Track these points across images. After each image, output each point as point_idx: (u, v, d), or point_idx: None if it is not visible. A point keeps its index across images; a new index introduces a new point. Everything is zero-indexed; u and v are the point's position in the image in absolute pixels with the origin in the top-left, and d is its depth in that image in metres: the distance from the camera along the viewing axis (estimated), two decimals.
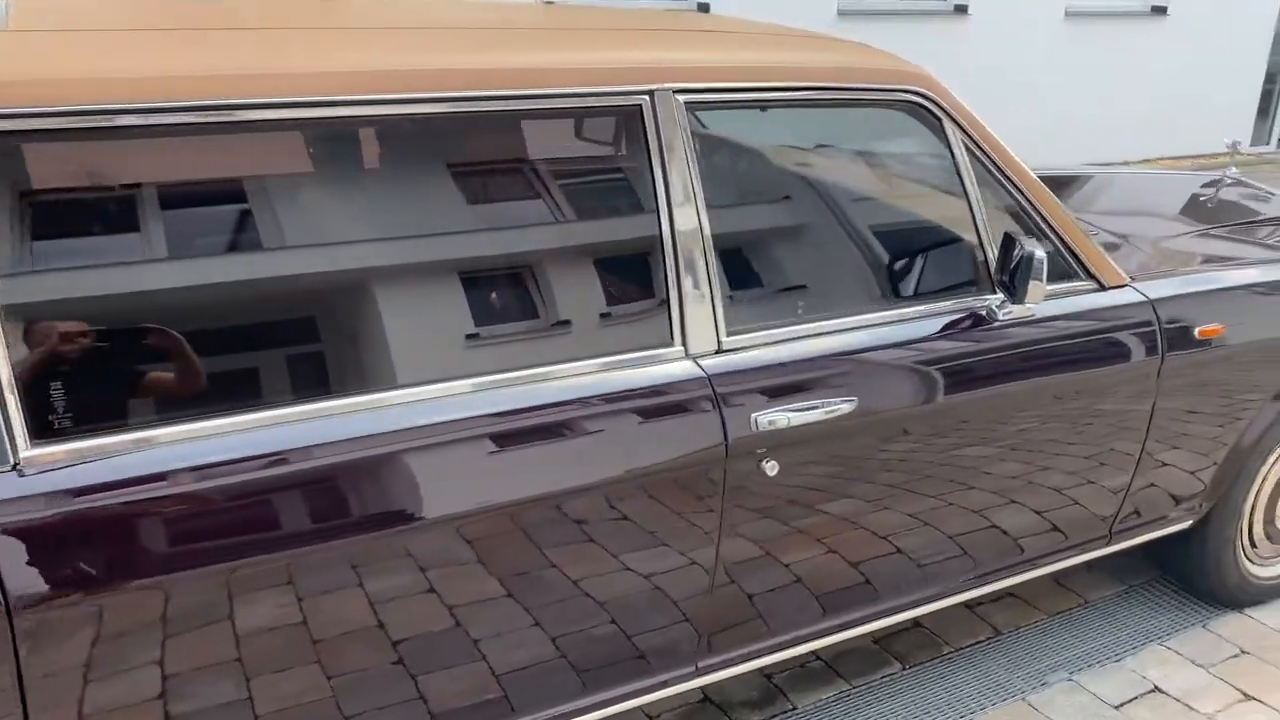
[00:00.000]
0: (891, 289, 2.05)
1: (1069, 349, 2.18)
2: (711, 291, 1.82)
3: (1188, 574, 2.84)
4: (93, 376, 1.41)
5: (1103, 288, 2.26)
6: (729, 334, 1.85)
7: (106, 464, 1.39)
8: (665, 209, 1.78)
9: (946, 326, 2.05)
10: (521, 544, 1.67)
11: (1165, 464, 2.44)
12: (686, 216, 1.80)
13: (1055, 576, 2.95)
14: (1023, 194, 2.14)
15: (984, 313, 2.09)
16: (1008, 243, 2.01)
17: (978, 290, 2.11)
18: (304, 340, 1.60)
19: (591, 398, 1.71)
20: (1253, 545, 2.81)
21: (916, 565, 2.17)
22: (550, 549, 1.70)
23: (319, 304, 1.61)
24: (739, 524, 1.87)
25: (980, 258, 2.09)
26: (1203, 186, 3.46)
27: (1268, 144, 10.73)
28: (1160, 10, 9.19)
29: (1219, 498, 2.63)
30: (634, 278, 1.80)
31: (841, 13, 7.44)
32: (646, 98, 1.77)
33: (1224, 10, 9.51)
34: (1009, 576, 2.34)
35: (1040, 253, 1.95)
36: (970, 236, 2.09)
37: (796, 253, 2.00)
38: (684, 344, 1.81)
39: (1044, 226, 2.17)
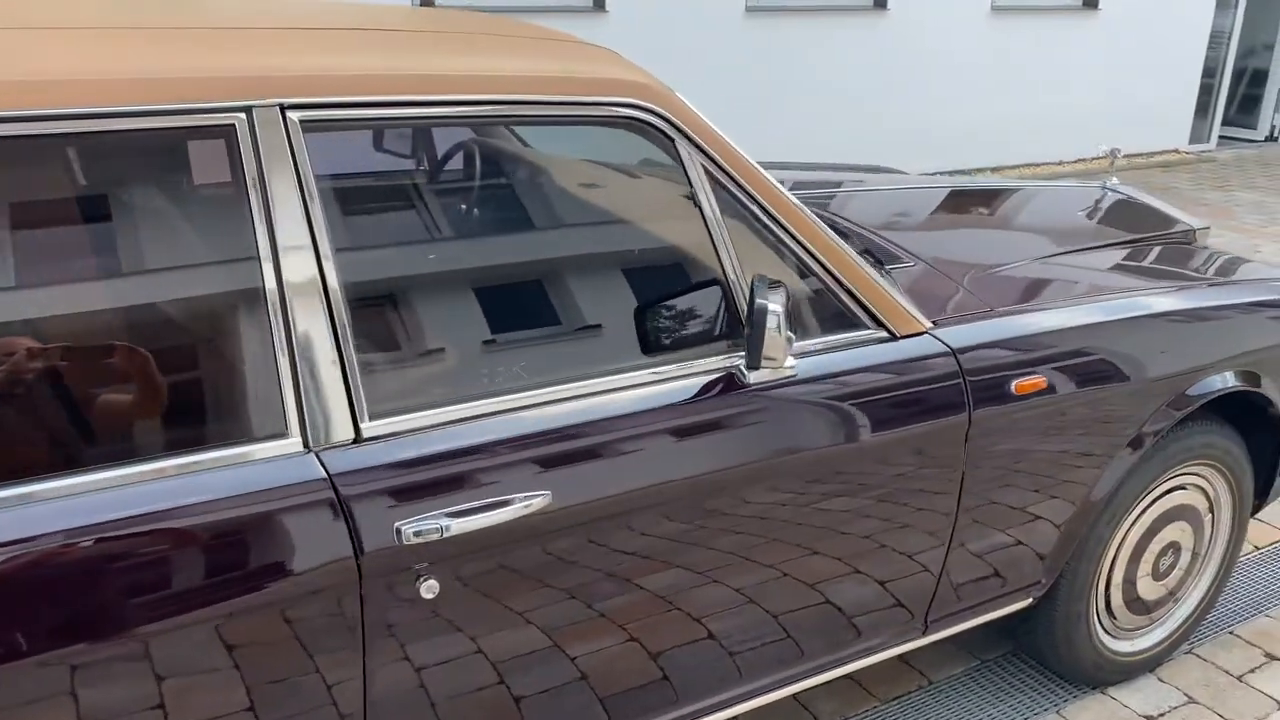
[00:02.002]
0: (610, 350, 1.65)
1: (846, 412, 1.79)
2: (344, 363, 1.42)
3: (1039, 651, 2.47)
4: None
5: (894, 337, 1.87)
6: (372, 418, 1.44)
7: None
8: (270, 258, 1.38)
9: (682, 394, 1.66)
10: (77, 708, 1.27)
11: (989, 538, 2.06)
12: (300, 266, 1.39)
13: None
14: (783, 227, 1.75)
15: (735, 374, 1.70)
16: (751, 291, 1.62)
17: (729, 348, 1.72)
18: None
19: (168, 510, 1.30)
20: (1111, 617, 2.44)
21: (653, 682, 1.78)
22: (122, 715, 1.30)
23: None
24: (392, 665, 1.47)
25: (726, 308, 1.69)
26: (1077, 200, 3.09)
27: (1207, 142, 10.45)
28: (1091, 4, 8.88)
29: (1064, 568, 2.25)
30: (234, 350, 1.39)
31: (750, 9, 7.06)
32: (241, 116, 1.37)
33: (1158, 5, 9.21)
34: (786, 686, 1.95)
35: (775, 304, 1.55)
36: (715, 282, 1.69)
37: (479, 309, 1.60)
38: (303, 433, 1.40)
39: (813, 265, 1.78)
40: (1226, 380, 2.27)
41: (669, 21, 6.80)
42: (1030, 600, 2.24)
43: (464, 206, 1.66)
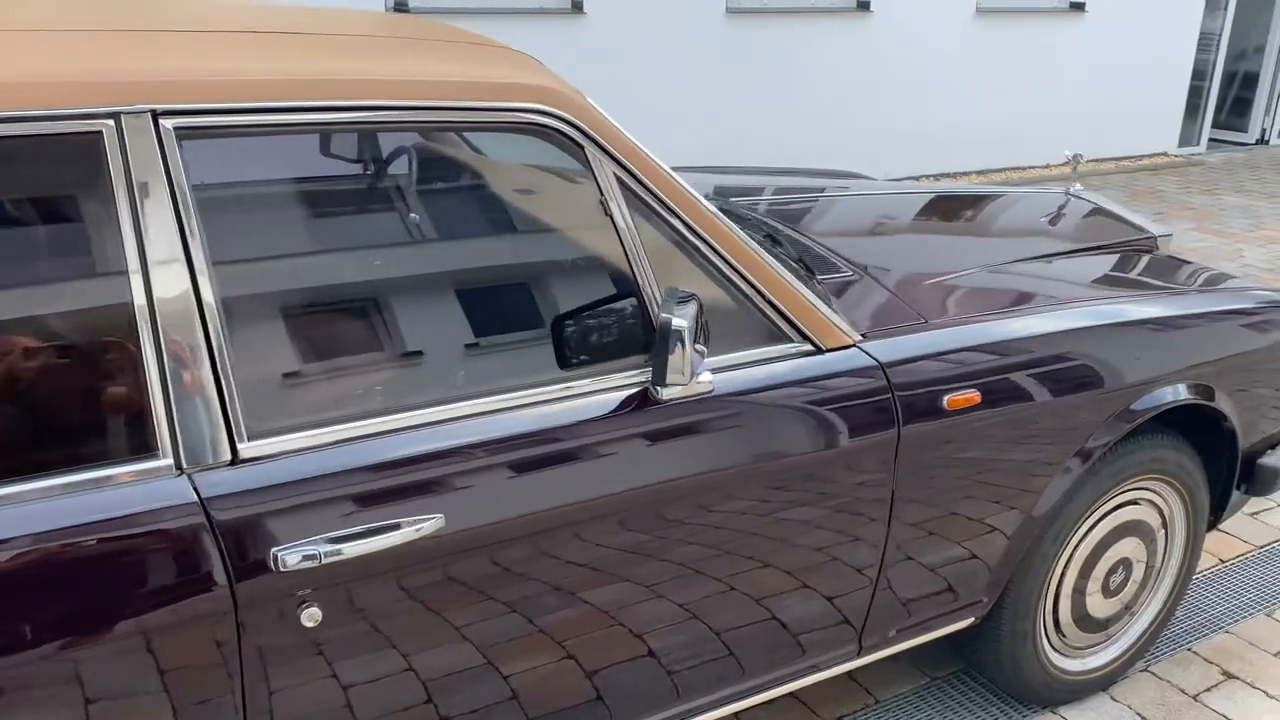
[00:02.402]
0: (513, 365, 1.59)
1: (767, 428, 1.73)
2: (220, 380, 1.36)
3: (988, 670, 2.40)
4: None
5: (819, 350, 1.81)
6: (251, 438, 1.38)
7: None
8: (139, 271, 1.31)
9: (589, 411, 1.59)
10: None
11: (925, 557, 2.00)
12: (173, 280, 1.33)
13: None
14: (701, 237, 1.69)
15: (649, 390, 1.64)
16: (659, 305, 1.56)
17: (644, 362, 1.65)
18: None
19: (28, 535, 1.24)
20: (1060, 635, 2.38)
21: (574, 707, 1.71)
22: None
23: None
24: (272, 697, 1.40)
25: (640, 321, 1.63)
26: (1037, 207, 3.03)
27: (1196, 145, 10.39)
28: (1078, 6, 8.82)
29: (1008, 586, 2.19)
30: (104, 367, 1.33)
31: (731, 10, 7.00)
32: (109, 123, 1.31)
33: (1146, 7, 9.16)
34: (724, 706, 1.89)
35: (681, 320, 1.49)
36: (627, 294, 1.63)
37: (367, 323, 1.54)
38: (175, 454, 1.34)
39: (732, 276, 1.72)
40: (1177, 393, 2.21)
41: (648, 23, 6.74)
42: (973, 619, 2.18)
43: (355, 216, 1.60)
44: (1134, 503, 2.37)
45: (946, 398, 1.88)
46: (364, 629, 1.44)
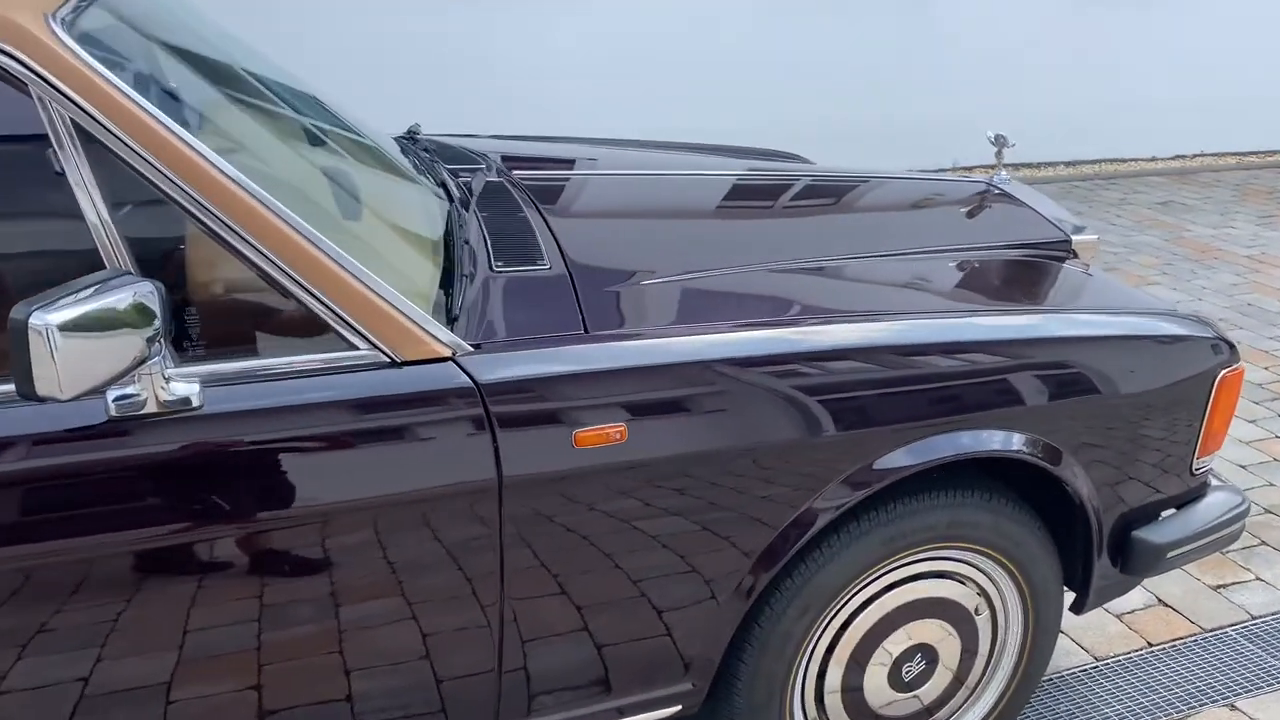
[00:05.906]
0: None
1: (291, 463, 1.34)
2: None
3: None
4: None
5: (395, 363, 1.41)
6: None
7: None
8: None
9: None
10: None
11: (575, 638, 1.56)
12: None
13: None
14: (206, 208, 1.31)
15: (108, 405, 1.28)
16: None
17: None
18: None
19: None
20: None
21: None
22: None
23: None
24: None
25: None
26: (932, 197, 2.51)
27: None
28: None
29: (740, 670, 1.73)
30: None
31: None
32: None
33: None
34: None
35: (44, 316, 1.11)
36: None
37: None
38: None
39: (258, 261, 1.33)
40: (1007, 442, 1.70)
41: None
42: (679, 707, 1.73)
43: None
44: (942, 575, 1.87)
45: (575, 433, 1.44)
46: None
